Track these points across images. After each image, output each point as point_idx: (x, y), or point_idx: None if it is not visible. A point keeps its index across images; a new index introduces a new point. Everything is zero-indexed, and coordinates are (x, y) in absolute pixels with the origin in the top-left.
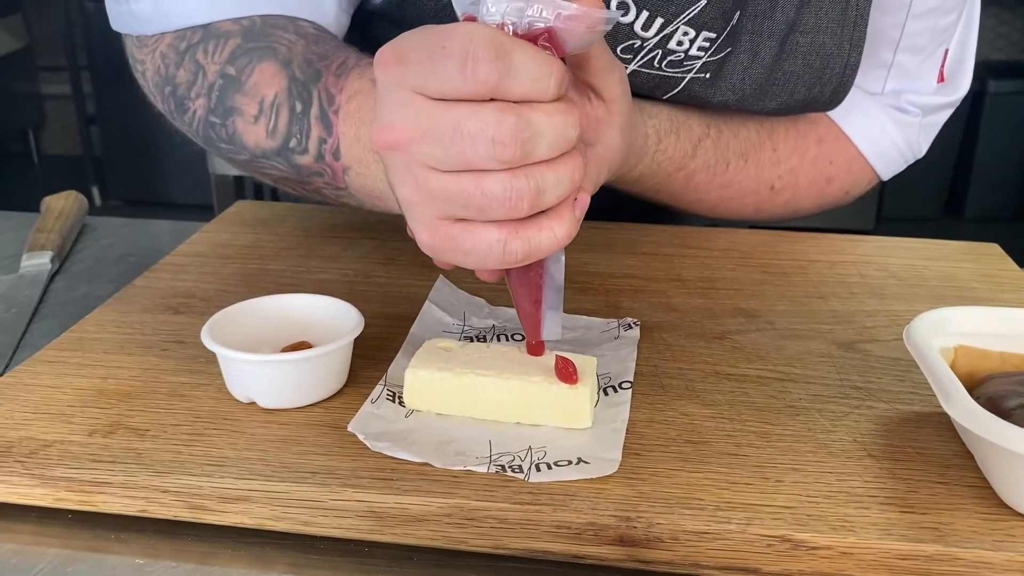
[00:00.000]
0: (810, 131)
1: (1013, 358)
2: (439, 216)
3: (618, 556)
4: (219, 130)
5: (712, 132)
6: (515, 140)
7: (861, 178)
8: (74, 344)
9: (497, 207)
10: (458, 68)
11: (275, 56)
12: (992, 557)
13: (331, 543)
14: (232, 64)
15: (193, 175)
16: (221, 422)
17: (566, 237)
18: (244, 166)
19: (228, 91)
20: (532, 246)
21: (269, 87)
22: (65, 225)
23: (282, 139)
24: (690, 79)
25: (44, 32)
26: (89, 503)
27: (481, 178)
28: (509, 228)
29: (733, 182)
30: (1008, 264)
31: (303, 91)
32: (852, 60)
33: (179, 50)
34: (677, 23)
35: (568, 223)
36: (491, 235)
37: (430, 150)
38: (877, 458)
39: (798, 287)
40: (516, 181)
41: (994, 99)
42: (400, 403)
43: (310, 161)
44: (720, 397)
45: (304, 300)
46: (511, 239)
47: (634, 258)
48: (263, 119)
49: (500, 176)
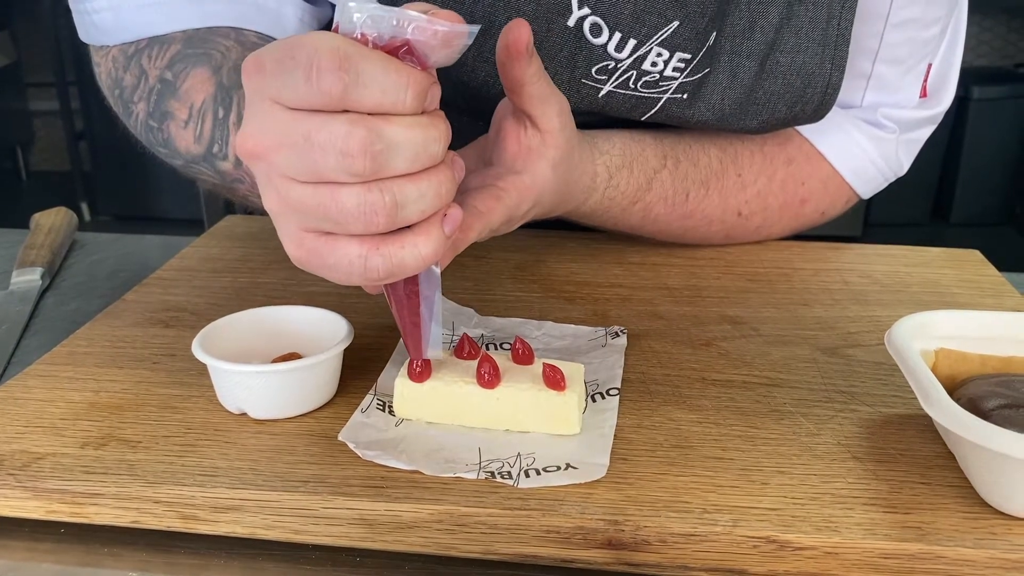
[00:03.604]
0: (778, 153)
1: (993, 360)
2: (303, 228)
3: (607, 559)
4: (156, 134)
5: (669, 164)
6: (364, 152)
7: (838, 198)
8: (66, 358)
9: (353, 221)
10: (304, 78)
11: (209, 62)
12: (974, 555)
13: (323, 551)
14: (170, 69)
15: (183, 190)
16: (212, 433)
17: (432, 254)
18: (182, 170)
19: (164, 96)
20: (394, 263)
21: (199, 93)
22: (55, 241)
23: (206, 145)
24: (667, 99)
25: (32, 48)
26: (82, 515)
27: (335, 191)
28: (370, 244)
29: (695, 211)
30: (989, 269)
31: (226, 97)
32: (834, 79)
33: (127, 54)
34: (650, 44)
35: (434, 240)
36: (352, 250)
37: (286, 160)
38: (861, 460)
39: (783, 294)
40: (370, 195)
41: (978, 105)
42: (390, 412)
43: (230, 168)
44: (706, 402)
45: (294, 312)
46: (371, 255)
47: (621, 267)
48: (191, 124)
49: (354, 189)
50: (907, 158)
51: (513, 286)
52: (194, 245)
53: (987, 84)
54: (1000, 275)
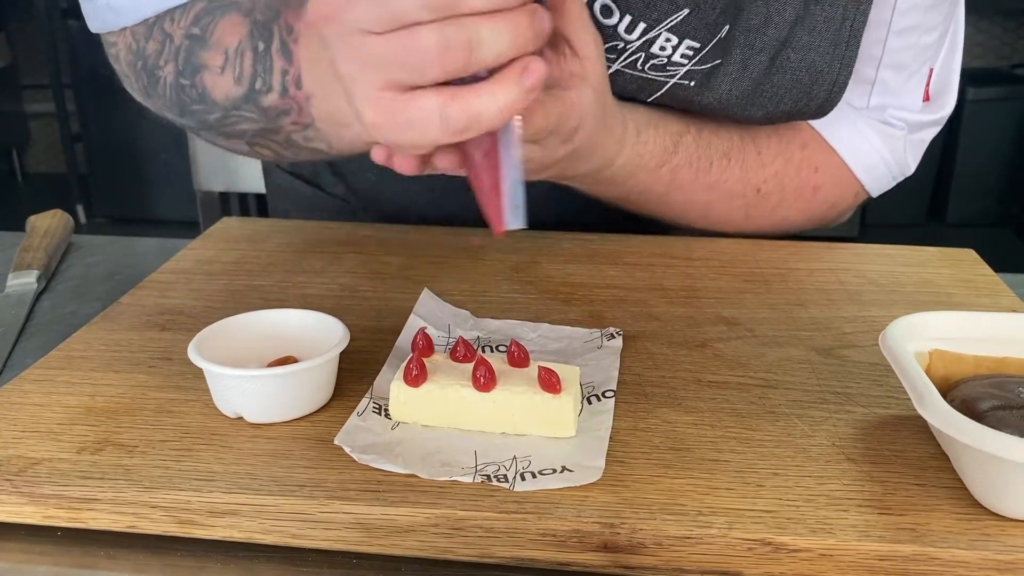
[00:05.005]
0: (794, 137)
1: (987, 361)
2: (379, 87)
3: (603, 562)
4: (189, 91)
5: (692, 130)
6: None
7: (847, 189)
8: (62, 362)
9: (431, 61)
10: None
11: (238, 9)
12: (968, 556)
13: (319, 555)
14: (196, 25)
15: (178, 192)
16: (209, 437)
17: (510, 105)
18: (217, 128)
19: (194, 50)
20: (473, 112)
21: (232, 36)
22: (51, 244)
23: (248, 82)
24: (673, 84)
25: (27, 50)
26: (78, 520)
27: (413, 32)
28: (447, 94)
29: (718, 182)
30: (984, 269)
31: (264, 31)
32: (841, 78)
33: (148, 24)
34: (659, 29)
35: (511, 89)
36: (429, 102)
37: (363, 12)
38: (855, 461)
39: (778, 295)
40: (448, 29)
41: (973, 106)
42: (386, 416)
43: (275, 99)
44: (702, 404)
45: (290, 315)
46: (448, 104)
47: (616, 268)
48: (229, 68)
49: (431, 27)
50: (913, 159)
51: (509, 287)
52: (190, 247)
53: (983, 85)
54: (995, 275)
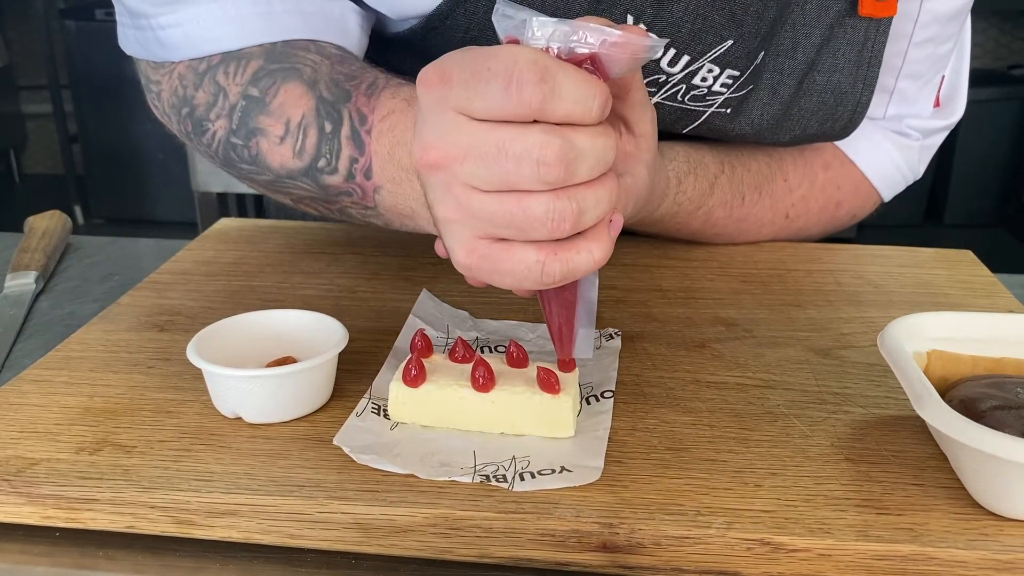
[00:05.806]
0: (816, 159)
1: (985, 361)
2: (478, 236)
3: (602, 562)
4: (241, 151)
5: (726, 169)
6: (560, 161)
7: (867, 201)
8: (60, 363)
9: (539, 227)
10: (503, 88)
11: (300, 77)
12: (966, 556)
13: (318, 555)
14: (255, 85)
15: (176, 192)
16: (208, 438)
17: (603, 258)
18: (265, 186)
19: (251, 112)
20: (570, 267)
21: (295, 108)
22: (49, 245)
23: (310, 159)
24: (711, 113)
25: (25, 51)
26: (77, 520)
27: (524, 199)
28: (548, 249)
29: (750, 215)
30: (981, 270)
31: (332, 111)
32: (864, 98)
33: (198, 71)
34: (703, 61)
35: (605, 244)
36: (530, 256)
37: (473, 169)
38: (854, 461)
39: (776, 296)
40: (559, 202)
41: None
42: (385, 416)
43: (339, 181)
44: (700, 404)
45: (289, 315)
46: (550, 260)
47: (615, 270)
48: (289, 139)
49: (543, 197)
50: (922, 164)
51: None
52: (188, 248)
53: (980, 86)
54: (992, 276)
